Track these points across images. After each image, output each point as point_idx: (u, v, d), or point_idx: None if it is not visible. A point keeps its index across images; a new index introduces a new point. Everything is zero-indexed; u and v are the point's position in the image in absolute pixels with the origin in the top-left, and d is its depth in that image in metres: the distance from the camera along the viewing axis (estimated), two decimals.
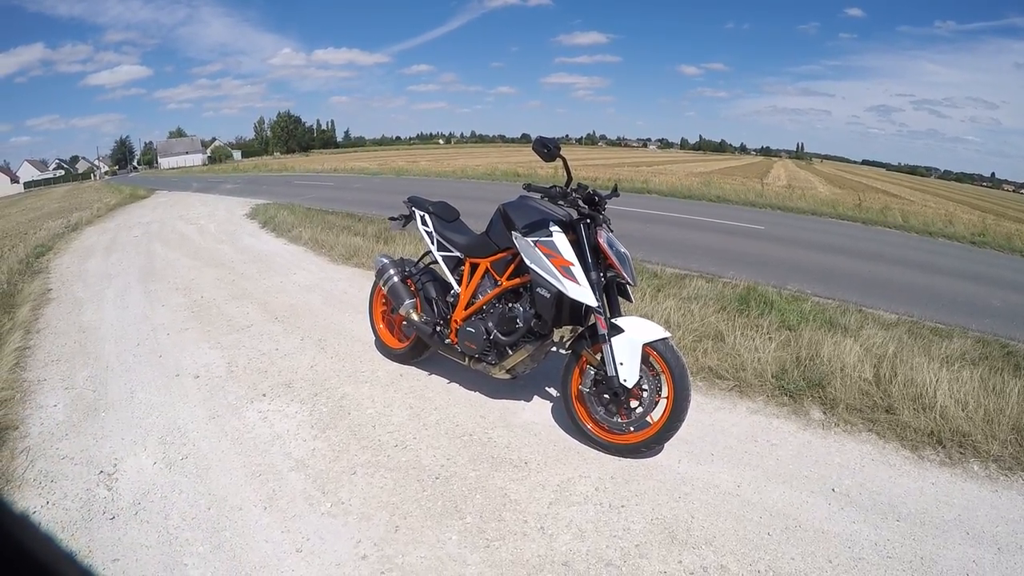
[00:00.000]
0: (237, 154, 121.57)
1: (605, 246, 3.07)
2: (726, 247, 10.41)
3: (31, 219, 19.93)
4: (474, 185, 22.74)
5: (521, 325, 3.33)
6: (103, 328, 5.54)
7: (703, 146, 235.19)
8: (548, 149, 2.91)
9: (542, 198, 3.26)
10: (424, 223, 4.04)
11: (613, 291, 3.22)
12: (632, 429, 3.14)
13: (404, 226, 4.23)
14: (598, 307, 3.02)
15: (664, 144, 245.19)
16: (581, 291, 3.02)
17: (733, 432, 3.52)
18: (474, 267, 3.71)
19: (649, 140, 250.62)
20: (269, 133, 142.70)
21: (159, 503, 2.89)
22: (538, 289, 3.20)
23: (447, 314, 3.86)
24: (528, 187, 3.26)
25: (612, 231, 3.28)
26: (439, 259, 3.93)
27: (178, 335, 5.21)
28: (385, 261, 4.19)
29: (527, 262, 3.25)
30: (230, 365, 4.48)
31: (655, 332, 2.98)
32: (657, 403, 3.07)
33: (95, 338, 5.26)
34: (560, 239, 3.14)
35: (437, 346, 3.90)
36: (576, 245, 3.12)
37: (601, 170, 30.98)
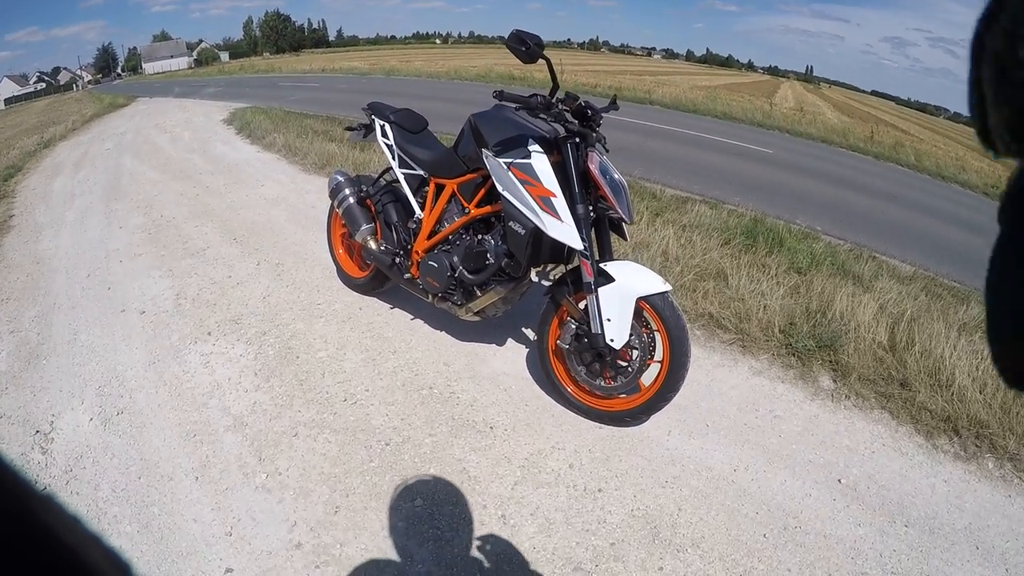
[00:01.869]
0: (224, 56, 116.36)
1: (596, 173, 2.48)
2: (732, 170, 9.68)
3: (7, 138, 19.01)
4: (465, 87, 21.29)
5: (492, 262, 2.79)
6: (57, 257, 5.14)
7: (709, 59, 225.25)
8: (527, 47, 2.26)
9: (519, 109, 2.59)
10: (384, 134, 3.36)
11: (604, 227, 2.64)
12: (618, 394, 2.67)
13: (364, 136, 3.57)
14: (584, 249, 2.45)
15: (669, 55, 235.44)
16: (563, 229, 2.44)
17: (732, 397, 3.03)
18: (440, 189, 3.11)
19: (654, 49, 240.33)
20: (258, 33, 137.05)
21: (91, 469, 2.58)
22: (511, 223, 2.61)
23: (408, 243, 3.31)
24: (500, 95, 2.49)
25: (607, 152, 2.68)
26: (400, 177, 3.31)
27: (131, 262, 4.76)
28: (340, 179, 3.55)
29: (499, 188, 2.64)
30: (178, 297, 4.03)
31: (653, 284, 2.44)
32: (648, 366, 2.59)
33: (48, 269, 4.89)
34: (540, 162, 2.51)
35: (397, 279, 3.38)
36: (560, 170, 2.52)
37: (602, 76, 29.03)
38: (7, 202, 7.77)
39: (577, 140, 2.50)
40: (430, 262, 3.04)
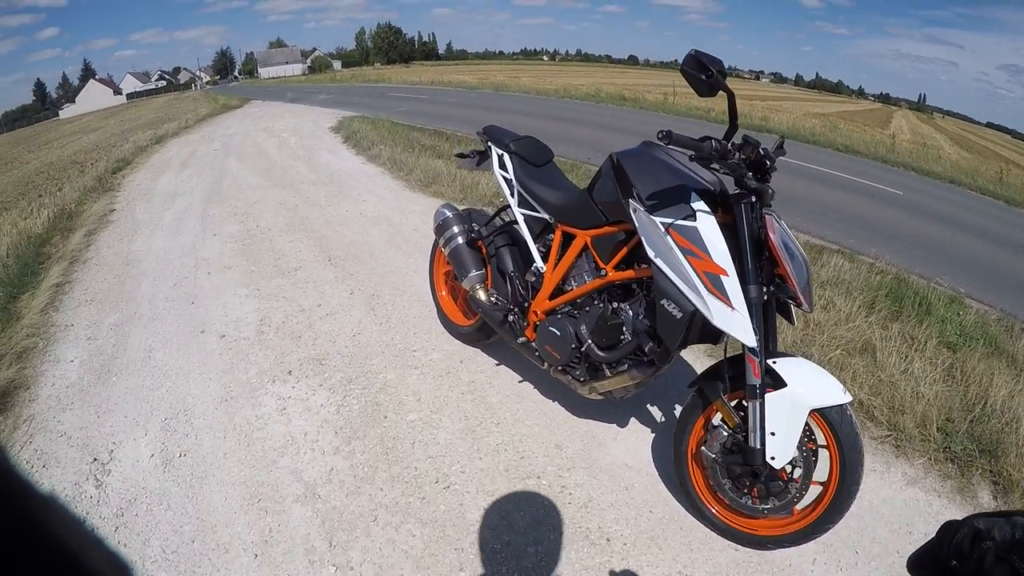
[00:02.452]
0: (337, 64, 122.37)
1: (777, 244, 1.96)
2: (864, 213, 8.88)
3: (124, 130, 20.49)
4: (576, 106, 21.08)
5: (628, 340, 2.34)
6: (147, 260, 5.16)
7: (818, 85, 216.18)
8: (708, 74, 1.81)
9: (692, 158, 2.01)
10: (502, 166, 2.95)
11: (771, 309, 2.13)
12: (765, 515, 2.17)
13: (477, 165, 3.20)
14: (756, 347, 1.95)
15: (777, 79, 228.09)
16: (733, 319, 1.94)
17: (884, 514, 2.47)
18: (568, 239, 2.65)
19: (762, 73, 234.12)
20: (370, 44, 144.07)
21: (143, 518, 2.34)
22: (663, 302, 2.11)
23: (525, 299, 2.86)
24: (668, 136, 1.84)
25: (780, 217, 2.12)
26: (519, 219, 2.89)
27: (219, 275, 4.63)
28: (448, 214, 3.18)
29: (650, 253, 2.14)
30: (262, 323, 3.81)
31: (831, 393, 1.96)
32: (808, 488, 2.10)
33: (136, 273, 4.88)
34: (709, 227, 2.00)
35: (508, 339, 2.96)
36: (730, 235, 2.01)
37: (714, 101, 28.24)
38: (111, 196, 8.17)
39: (753, 199, 1.99)
40: (551, 328, 2.59)
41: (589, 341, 2.44)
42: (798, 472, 2.06)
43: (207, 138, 13.41)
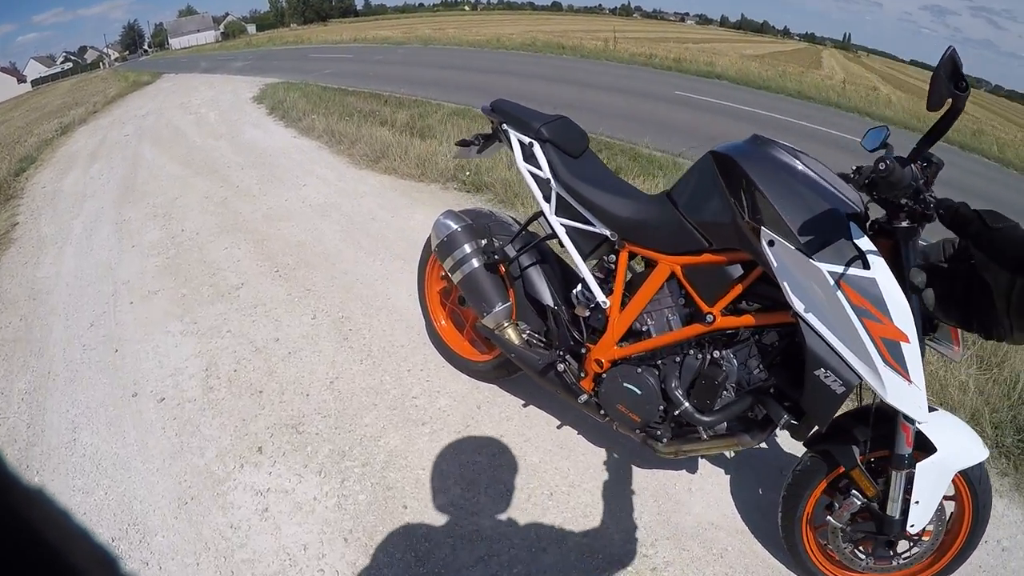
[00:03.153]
0: (251, 28, 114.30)
1: None
2: (835, 162, 8.09)
3: (30, 121, 18.26)
4: (513, 57, 19.57)
5: (735, 400, 1.72)
6: (57, 291, 4.12)
7: (744, 25, 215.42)
8: (960, 86, 1.20)
9: (857, 181, 1.40)
10: (530, 158, 2.04)
11: None
12: (871, 567, 1.75)
13: (480, 152, 2.33)
14: (922, 419, 1.44)
15: (703, 20, 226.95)
16: (909, 394, 1.39)
17: None
18: (637, 263, 1.92)
19: (687, 14, 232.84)
20: (284, 4, 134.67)
21: None
22: (818, 372, 1.47)
23: (579, 340, 2.05)
24: (888, 151, 1.39)
25: None
26: (560, 233, 2.01)
27: (143, 304, 3.65)
28: (454, 227, 2.23)
29: (797, 306, 1.47)
30: (208, 374, 2.88)
31: (975, 450, 1.57)
32: (937, 543, 1.74)
33: (45, 310, 3.87)
34: (887, 278, 1.38)
35: (555, 391, 2.15)
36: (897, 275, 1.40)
37: (648, 45, 26.87)
38: (14, 204, 6.93)
39: (911, 227, 1.40)
40: (627, 384, 1.85)
41: (684, 404, 1.74)
42: (929, 527, 1.67)
43: (117, 122, 11.80)
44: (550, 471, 2.22)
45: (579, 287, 2.01)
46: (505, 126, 2.10)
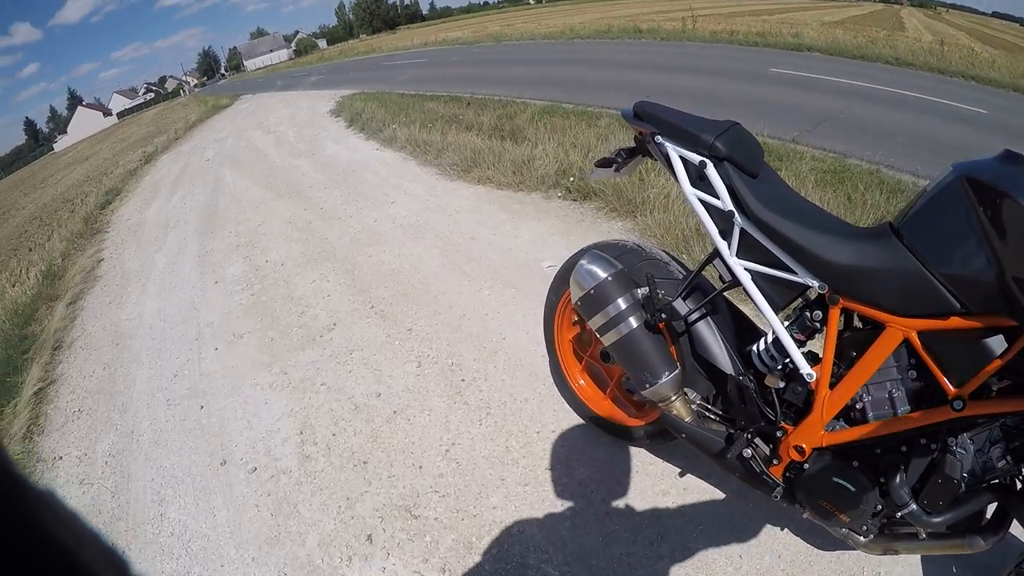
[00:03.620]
0: (322, 43, 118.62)
1: None
2: (974, 145, 7.03)
3: (116, 152, 19.32)
4: (592, 45, 18.94)
5: (969, 504, 1.35)
6: (140, 335, 4.01)
7: None
8: None
9: None
10: (700, 182, 1.54)
11: None
12: None
13: (617, 170, 1.83)
14: None
15: None
16: None
17: None
18: (853, 324, 1.48)
19: None
20: (351, 16, 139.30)
21: None
22: None
23: (771, 420, 1.55)
24: None
25: None
26: (745, 281, 1.52)
27: (228, 351, 3.40)
28: (603, 276, 1.66)
29: None
30: (303, 439, 2.54)
31: None
32: None
33: (127, 357, 3.76)
34: None
35: (737, 477, 1.67)
36: None
37: (722, 21, 25.44)
38: (100, 239, 7.20)
39: None
40: (837, 479, 1.41)
41: (912, 506, 1.35)
42: None
43: (198, 147, 12.16)
44: (720, 560, 1.74)
45: (762, 347, 1.54)
46: (661, 139, 1.57)
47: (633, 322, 1.60)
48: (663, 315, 1.62)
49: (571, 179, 4.51)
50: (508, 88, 10.66)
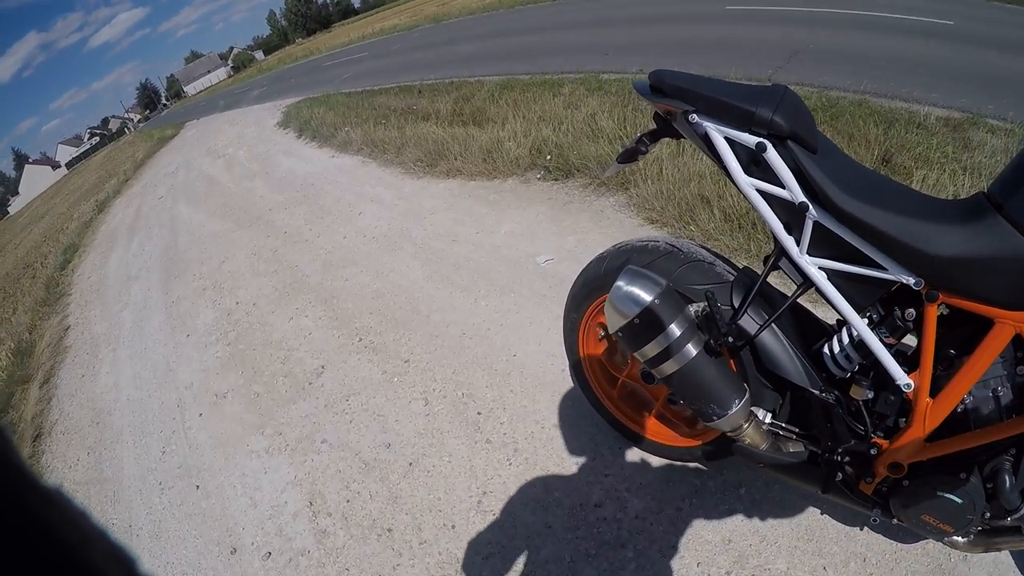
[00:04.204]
0: (259, 54, 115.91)
1: None
2: (935, 60, 6.61)
3: (71, 204, 18.65)
4: (538, 10, 17.80)
5: None
6: (119, 410, 3.68)
7: None
8: None
9: None
10: (755, 167, 1.20)
11: None
12: None
13: (627, 160, 1.50)
14: None
15: None
16: None
17: None
18: (960, 323, 1.16)
19: None
20: (284, 22, 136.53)
21: None
22: None
23: (859, 435, 1.31)
24: None
25: None
26: (821, 282, 1.22)
27: (214, 417, 3.09)
28: (649, 298, 1.29)
29: None
30: (315, 512, 2.25)
31: None
32: None
33: (111, 438, 3.44)
34: None
35: (825, 495, 1.42)
36: None
37: None
38: (64, 303, 6.82)
39: None
40: (941, 493, 1.22)
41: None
42: None
43: (150, 185, 11.68)
44: None
45: (836, 348, 1.30)
46: (698, 118, 1.23)
47: (692, 349, 1.29)
48: (729, 339, 1.33)
49: (548, 157, 4.19)
50: (458, 68, 10.23)
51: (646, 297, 1.27)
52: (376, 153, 6.19)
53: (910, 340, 1.21)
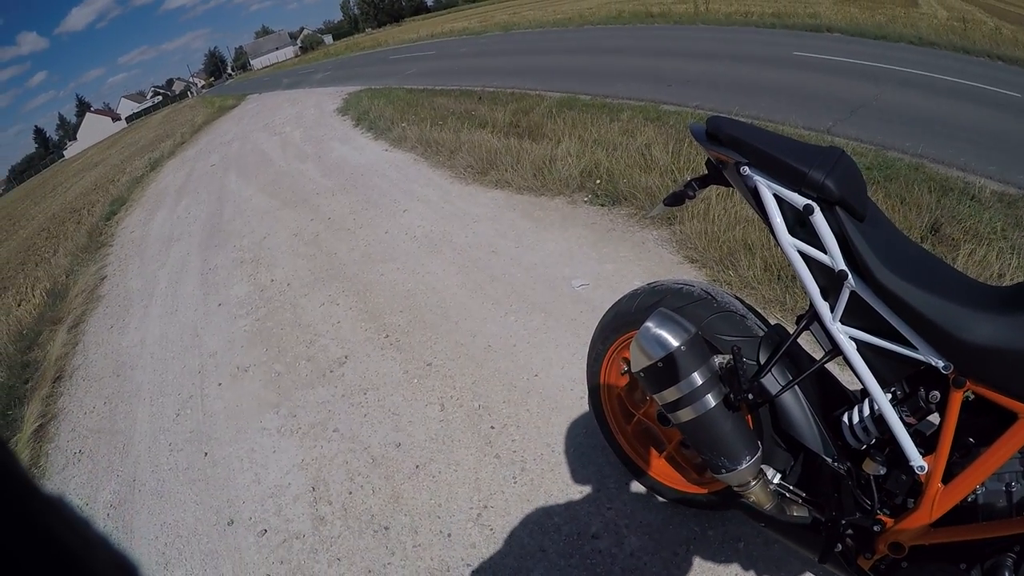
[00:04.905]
0: (328, 38, 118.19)
1: None
2: (1016, 136, 6.59)
3: (124, 159, 19.14)
4: (605, 32, 18.16)
5: None
6: (141, 365, 3.78)
7: None
8: None
9: None
10: (800, 229, 1.21)
11: None
12: None
13: (676, 204, 1.50)
14: None
15: None
16: None
17: None
18: (989, 415, 1.12)
19: None
20: (356, 11, 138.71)
21: None
22: None
23: (865, 510, 1.29)
24: None
25: None
26: (850, 353, 1.22)
27: (233, 387, 3.16)
28: (675, 344, 1.29)
29: None
30: (317, 497, 2.28)
31: None
32: None
33: (129, 392, 3.53)
34: None
35: (822, 563, 1.39)
36: None
37: (734, 2, 24.52)
38: (103, 254, 7.01)
39: None
40: None
41: None
42: None
43: (204, 151, 11.97)
44: None
45: (855, 419, 1.28)
46: (749, 171, 1.24)
47: (711, 400, 1.30)
48: (749, 395, 1.33)
49: (597, 181, 4.21)
50: (521, 79, 10.33)
51: (673, 342, 1.28)
52: (429, 153, 6.28)
53: (933, 418, 1.21)
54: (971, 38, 15.64)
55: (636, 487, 1.98)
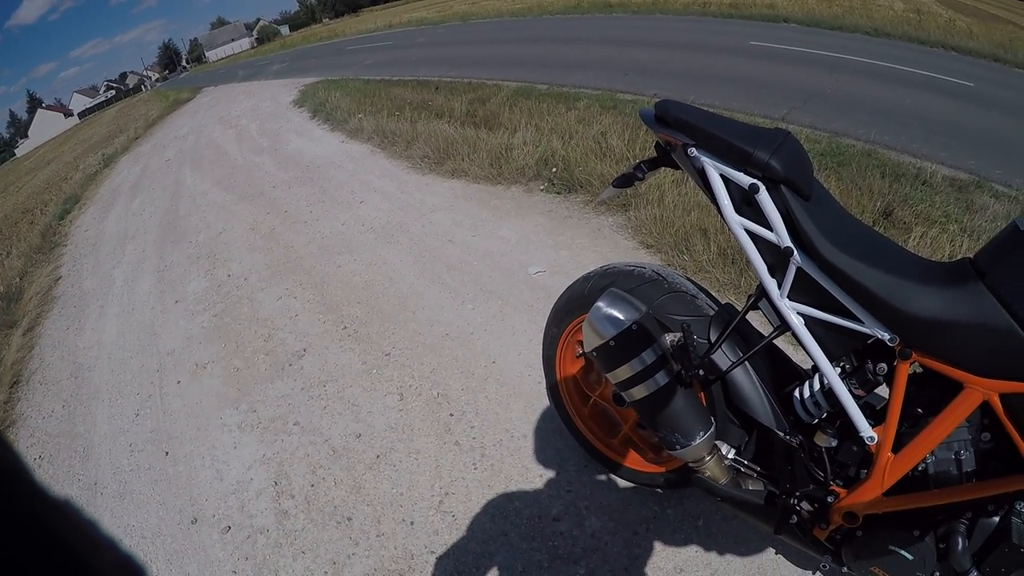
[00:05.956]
0: (284, 29, 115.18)
1: None
2: (956, 120, 6.85)
3: (76, 156, 18.52)
4: (565, 22, 18.08)
5: None
6: (98, 367, 3.68)
7: None
8: None
9: None
10: (747, 207, 1.23)
11: None
12: None
13: (625, 185, 1.48)
14: None
15: None
16: None
17: None
18: (930, 384, 1.18)
19: None
20: (313, 0, 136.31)
21: None
22: None
23: (818, 481, 1.35)
24: None
25: None
26: (797, 328, 1.24)
27: (192, 385, 3.10)
28: (627, 322, 1.34)
29: None
30: (279, 491, 2.26)
31: None
32: None
33: (87, 394, 3.43)
34: None
35: (778, 536, 1.43)
36: None
37: None
38: (57, 254, 6.80)
39: None
40: (894, 547, 1.23)
41: (973, 573, 1.17)
42: None
43: (158, 146, 11.64)
44: None
45: (807, 394, 1.31)
46: (696, 152, 1.26)
47: (663, 377, 1.33)
48: (700, 371, 1.36)
49: (553, 170, 4.21)
50: (478, 70, 10.27)
51: (624, 320, 1.30)
52: (386, 144, 6.20)
53: (882, 391, 1.24)
54: (926, 29, 16.02)
55: (595, 469, 2.01)
